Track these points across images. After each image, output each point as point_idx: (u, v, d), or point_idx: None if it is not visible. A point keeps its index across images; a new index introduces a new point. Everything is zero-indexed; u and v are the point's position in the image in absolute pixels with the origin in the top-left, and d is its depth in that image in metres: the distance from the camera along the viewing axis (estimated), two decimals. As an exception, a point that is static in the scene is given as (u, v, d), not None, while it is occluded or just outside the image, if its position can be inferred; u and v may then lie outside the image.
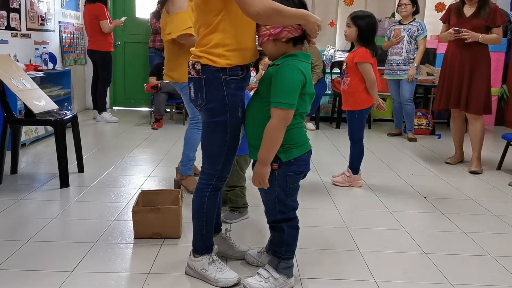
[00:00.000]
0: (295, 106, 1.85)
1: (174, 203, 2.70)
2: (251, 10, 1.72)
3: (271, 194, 2.00)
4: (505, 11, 6.41)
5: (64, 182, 3.39)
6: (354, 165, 3.63)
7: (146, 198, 2.73)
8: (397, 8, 5.60)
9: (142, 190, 2.82)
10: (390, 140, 5.61)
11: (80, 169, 3.79)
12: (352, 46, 3.54)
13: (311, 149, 2.04)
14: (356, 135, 3.58)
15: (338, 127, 6.31)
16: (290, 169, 1.97)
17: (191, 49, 1.98)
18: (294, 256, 2.14)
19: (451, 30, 4.06)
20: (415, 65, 5.40)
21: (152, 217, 2.51)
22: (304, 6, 1.92)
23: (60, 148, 3.39)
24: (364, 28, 3.35)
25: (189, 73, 1.95)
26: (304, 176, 2.06)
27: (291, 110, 1.84)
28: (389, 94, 5.91)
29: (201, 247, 2.09)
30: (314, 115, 6.20)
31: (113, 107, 7.48)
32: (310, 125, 6.15)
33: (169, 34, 3.07)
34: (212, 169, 2.01)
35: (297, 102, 1.86)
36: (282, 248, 2.06)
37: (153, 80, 6.06)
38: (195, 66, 1.91)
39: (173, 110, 6.73)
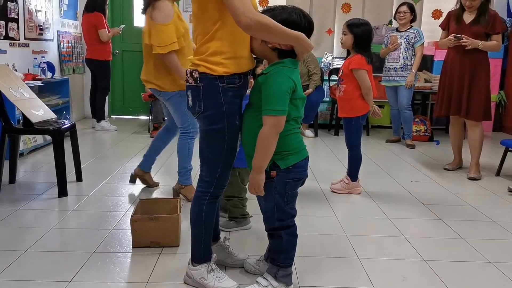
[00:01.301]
0: (286, 112, 1.85)
1: (173, 211, 2.69)
2: (242, 20, 1.72)
3: (270, 202, 2.00)
4: (502, 17, 6.43)
5: (63, 191, 3.38)
6: (353, 172, 3.64)
7: (144, 207, 2.72)
8: (395, 15, 5.63)
9: (140, 199, 2.82)
10: (389, 147, 5.62)
11: (79, 178, 3.78)
12: (348, 53, 3.56)
13: (308, 156, 2.05)
14: (353, 141, 3.59)
15: (336, 134, 6.32)
16: (288, 176, 1.97)
17: (189, 57, 1.99)
18: (293, 264, 2.13)
19: (451, 37, 4.07)
20: (413, 71, 5.41)
21: (150, 226, 2.50)
22: (310, 28, 1.94)
23: (58, 157, 3.39)
24: (360, 36, 3.38)
25: (187, 81, 1.95)
26: (303, 183, 2.06)
27: (283, 117, 1.85)
28: (387, 101, 5.93)
29: (200, 255, 2.09)
30: (312, 122, 6.21)
31: (112, 116, 7.49)
32: (309, 132, 6.15)
33: (159, 47, 3.01)
34: (210, 177, 2.01)
35: (290, 108, 1.87)
36: (280, 255, 2.06)
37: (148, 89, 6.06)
38: (193, 74, 1.91)
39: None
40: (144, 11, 3.12)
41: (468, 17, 4.14)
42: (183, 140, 3.26)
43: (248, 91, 2.05)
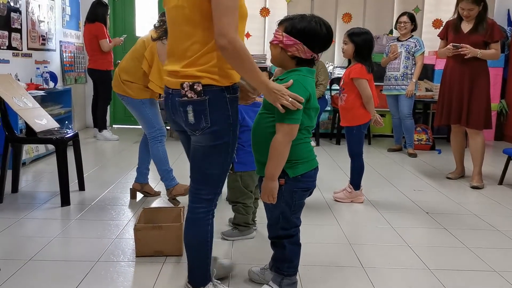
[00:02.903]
0: (300, 120, 1.86)
1: (176, 220, 2.68)
2: (221, 39, 1.66)
3: (276, 210, 2.00)
4: (502, 26, 6.47)
5: (65, 201, 3.38)
6: (355, 181, 3.63)
7: (147, 216, 2.72)
8: (396, 25, 5.66)
9: (143, 208, 2.81)
10: (391, 156, 5.61)
11: (81, 187, 3.78)
12: (349, 63, 3.58)
13: (318, 166, 2.04)
14: (355, 150, 3.59)
15: (338, 143, 6.32)
16: (297, 185, 1.97)
17: (181, 69, 1.80)
18: (298, 273, 2.13)
19: (449, 46, 4.09)
20: (414, 80, 5.43)
21: (154, 235, 2.49)
22: (329, 35, 1.96)
23: (61, 167, 3.39)
24: (361, 45, 3.40)
25: (185, 95, 1.78)
26: (310, 193, 2.06)
27: (296, 125, 1.86)
28: (388, 110, 5.94)
29: (206, 277, 1.99)
30: (314, 131, 6.19)
31: (113, 125, 7.49)
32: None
33: (155, 85, 3.14)
34: (212, 194, 1.91)
35: (303, 117, 1.88)
36: (284, 264, 2.05)
37: None
38: (195, 87, 1.76)
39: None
40: (158, 38, 3.08)
41: (466, 27, 4.16)
42: (154, 146, 3.36)
43: (260, 98, 2.06)
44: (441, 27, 4.51)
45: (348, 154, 3.64)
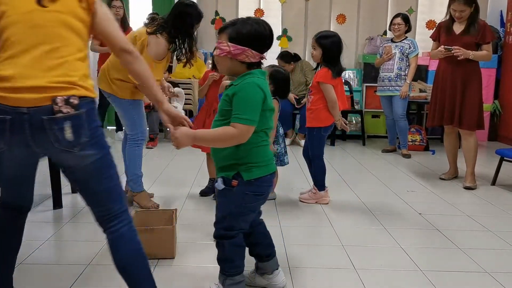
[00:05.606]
0: (257, 123, 1.85)
1: (168, 223, 2.67)
2: (127, 54, 1.83)
3: (224, 210, 2.00)
4: (494, 27, 6.50)
5: (58, 203, 3.36)
6: (319, 182, 3.62)
7: (139, 218, 2.70)
8: (390, 26, 5.67)
9: (135, 210, 2.80)
10: (385, 157, 5.62)
11: (74, 189, 3.76)
12: (318, 66, 3.58)
13: (275, 171, 2.03)
14: (315, 152, 3.60)
15: (332, 144, 6.30)
16: (249, 189, 1.94)
17: (47, 75, 1.58)
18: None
19: (441, 48, 4.11)
20: (408, 82, 5.44)
21: (145, 238, 2.46)
22: (272, 35, 1.95)
23: (53, 168, 3.37)
24: (329, 47, 3.39)
25: (60, 111, 1.55)
26: (265, 198, 2.04)
27: (252, 127, 1.84)
28: (382, 110, 5.95)
29: None
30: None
31: (107, 127, 7.47)
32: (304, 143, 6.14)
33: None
34: (125, 204, 1.81)
35: (259, 119, 1.86)
36: (225, 264, 2.04)
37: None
38: (71, 101, 1.57)
39: (168, 129, 6.71)
40: (153, 32, 3.15)
41: (458, 28, 4.17)
42: (132, 148, 3.32)
43: None
44: (435, 28, 4.53)
45: (310, 156, 3.64)
